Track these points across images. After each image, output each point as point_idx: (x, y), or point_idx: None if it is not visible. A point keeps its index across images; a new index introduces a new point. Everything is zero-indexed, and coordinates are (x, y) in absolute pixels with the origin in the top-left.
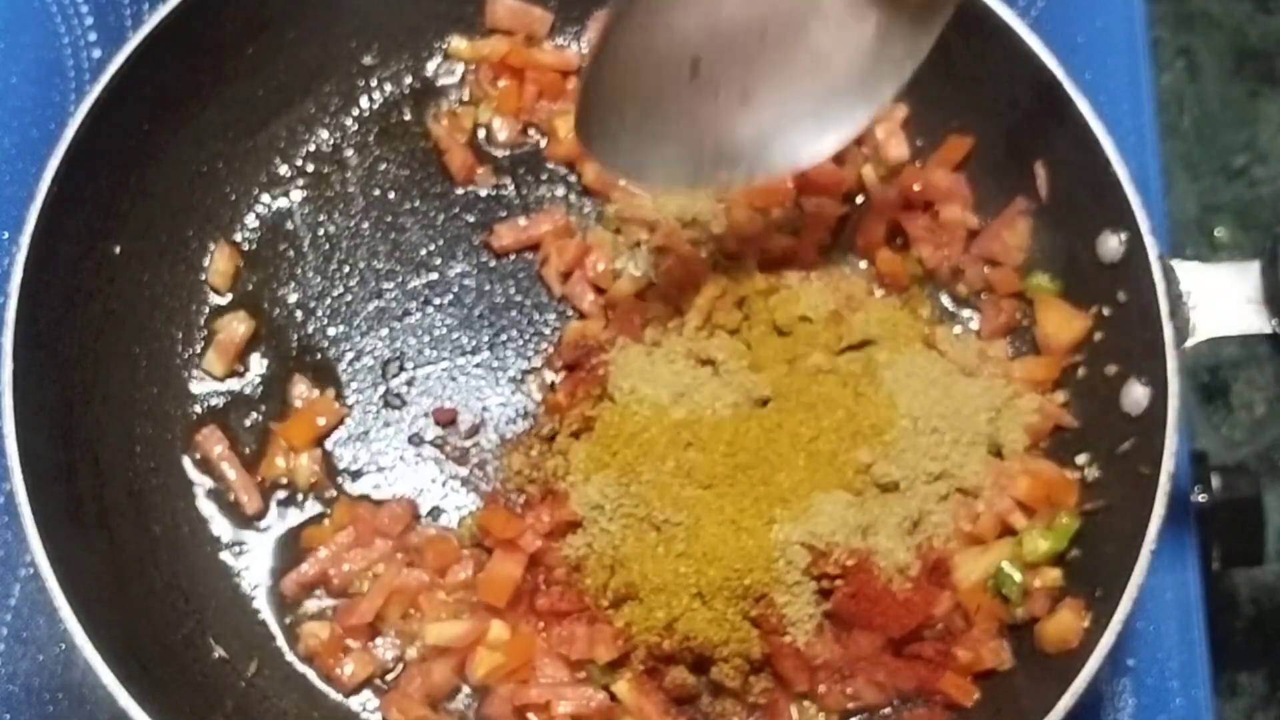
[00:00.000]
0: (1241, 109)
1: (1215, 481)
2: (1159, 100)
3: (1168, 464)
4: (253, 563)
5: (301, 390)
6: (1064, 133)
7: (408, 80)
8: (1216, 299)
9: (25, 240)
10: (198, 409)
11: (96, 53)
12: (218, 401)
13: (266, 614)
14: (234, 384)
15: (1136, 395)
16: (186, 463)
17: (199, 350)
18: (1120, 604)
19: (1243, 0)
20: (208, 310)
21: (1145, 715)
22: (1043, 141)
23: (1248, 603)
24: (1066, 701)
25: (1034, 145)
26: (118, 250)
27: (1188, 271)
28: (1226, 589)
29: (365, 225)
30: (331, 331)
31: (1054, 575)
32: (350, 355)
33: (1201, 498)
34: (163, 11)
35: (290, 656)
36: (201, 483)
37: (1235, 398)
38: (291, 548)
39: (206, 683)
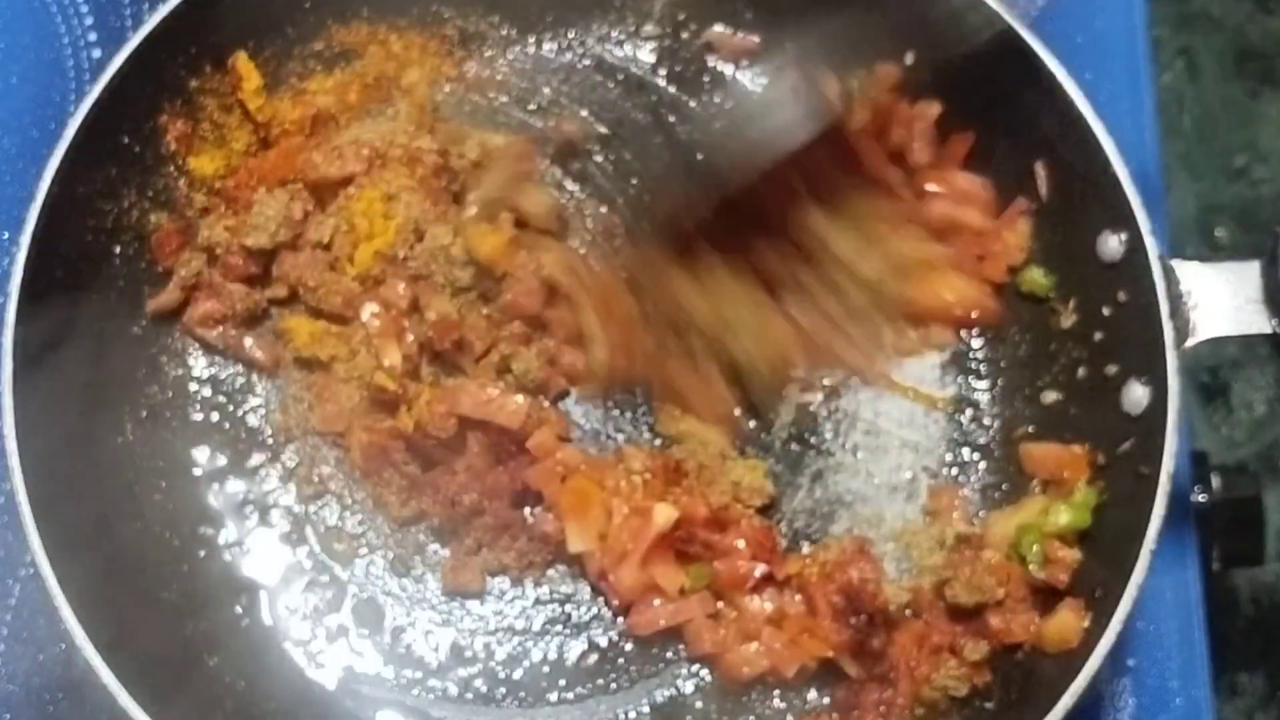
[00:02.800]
0: (1241, 109)
1: (1215, 481)
2: (1159, 100)
3: (1168, 464)
4: (253, 563)
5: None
6: (1064, 133)
7: None
8: (1216, 299)
9: (25, 240)
10: (199, 409)
11: (96, 53)
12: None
13: (266, 614)
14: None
15: (1136, 395)
16: (187, 463)
17: (200, 351)
18: (1120, 604)
19: (1243, 0)
20: None
21: (1145, 715)
22: (1043, 141)
23: (1248, 603)
24: (1066, 702)
25: (1034, 145)
26: (118, 250)
27: (1188, 271)
28: (1226, 589)
29: None
30: None
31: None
32: None
33: (1201, 498)
34: (163, 11)
35: (289, 657)
36: (204, 483)
37: (1235, 398)
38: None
39: (205, 683)
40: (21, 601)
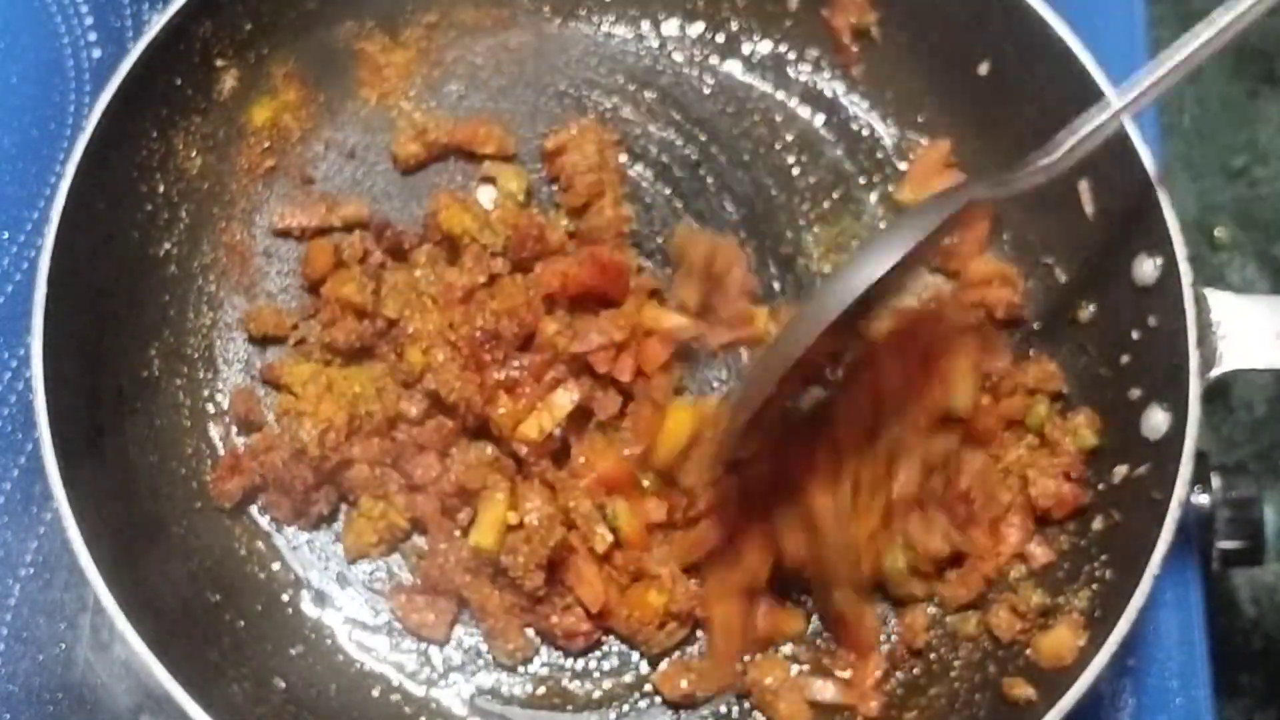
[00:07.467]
0: (1241, 109)
1: (1215, 481)
2: (1159, 100)
3: (1179, 491)
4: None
5: None
6: (1108, 152)
7: None
8: (1246, 331)
9: (70, 170)
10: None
11: (96, 53)
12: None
13: (283, 546)
14: None
15: (1156, 421)
16: (210, 406)
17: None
18: (1118, 626)
19: None
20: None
21: (1145, 715)
22: (1088, 159)
23: (1248, 603)
24: (1054, 717)
25: (1079, 163)
26: (161, 190)
27: (1220, 301)
28: (1226, 589)
29: None
30: None
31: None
32: None
33: (1202, 498)
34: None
35: (302, 606)
36: (225, 425)
37: (1235, 398)
38: None
39: (207, 620)
40: (21, 601)
